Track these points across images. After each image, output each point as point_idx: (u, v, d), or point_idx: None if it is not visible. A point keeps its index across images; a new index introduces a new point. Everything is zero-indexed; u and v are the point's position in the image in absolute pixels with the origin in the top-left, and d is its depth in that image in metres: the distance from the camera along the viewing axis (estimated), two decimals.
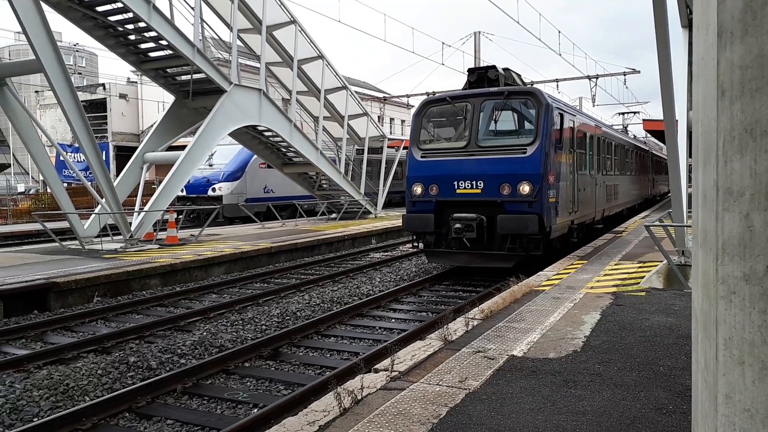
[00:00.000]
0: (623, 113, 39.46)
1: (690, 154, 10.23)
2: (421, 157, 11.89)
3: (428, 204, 11.56)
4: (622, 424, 3.89)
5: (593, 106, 35.00)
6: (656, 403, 4.23)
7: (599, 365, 5.08)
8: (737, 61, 2.05)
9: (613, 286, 8.57)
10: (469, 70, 12.58)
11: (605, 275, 9.53)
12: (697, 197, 2.60)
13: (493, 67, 12.30)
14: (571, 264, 10.88)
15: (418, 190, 11.72)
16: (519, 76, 13.11)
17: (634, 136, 33.37)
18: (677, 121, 10.59)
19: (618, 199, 19.12)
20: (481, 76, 12.20)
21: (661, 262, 10.29)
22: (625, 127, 35.57)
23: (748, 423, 2.07)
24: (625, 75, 32.45)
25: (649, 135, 35.42)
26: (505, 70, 12.56)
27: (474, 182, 11.13)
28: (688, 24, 12.75)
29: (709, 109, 2.27)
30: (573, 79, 33.03)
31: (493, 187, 10.95)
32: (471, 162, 11.25)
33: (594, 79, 32.00)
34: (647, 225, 9.22)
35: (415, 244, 12.25)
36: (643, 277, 9.16)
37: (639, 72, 32.62)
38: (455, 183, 11.31)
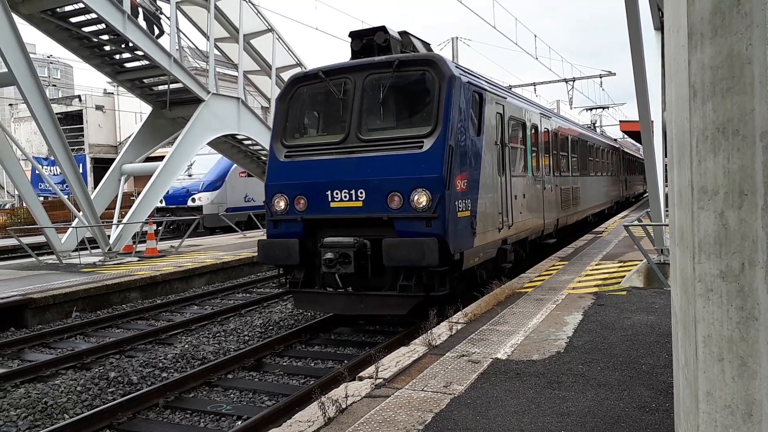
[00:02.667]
0: (591, 108, 35.76)
1: (666, 154, 10.35)
2: (285, 157, 8.55)
3: (293, 224, 8.28)
4: (606, 424, 3.91)
5: (570, 108, 35.43)
6: (639, 402, 4.26)
7: (582, 365, 5.10)
8: (708, 62, 2.09)
9: (595, 286, 8.64)
10: (351, 35, 8.97)
11: (586, 275, 9.61)
12: (673, 196, 2.63)
13: (383, 28, 8.76)
14: (553, 265, 10.94)
15: (280, 204, 8.39)
16: (426, 45, 9.78)
17: (602, 132, 30.96)
18: (653, 121, 10.75)
19: (579, 204, 16.47)
20: (368, 44, 8.76)
21: (641, 261, 10.40)
22: (594, 124, 32.48)
23: (729, 419, 2.09)
24: (601, 77, 32.94)
25: (626, 136, 35.78)
26: (403, 34, 9.20)
27: (353, 191, 7.86)
28: (660, 26, 12.96)
29: (682, 110, 2.30)
30: (550, 82, 33.46)
31: (378, 198, 7.72)
32: (350, 162, 7.98)
33: (571, 82, 32.40)
34: (626, 225, 9.32)
35: (283, 280, 8.73)
36: (623, 277, 9.25)
37: (615, 74, 33.15)
38: (328, 193, 8.00)
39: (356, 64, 8.47)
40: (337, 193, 7.99)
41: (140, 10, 15.10)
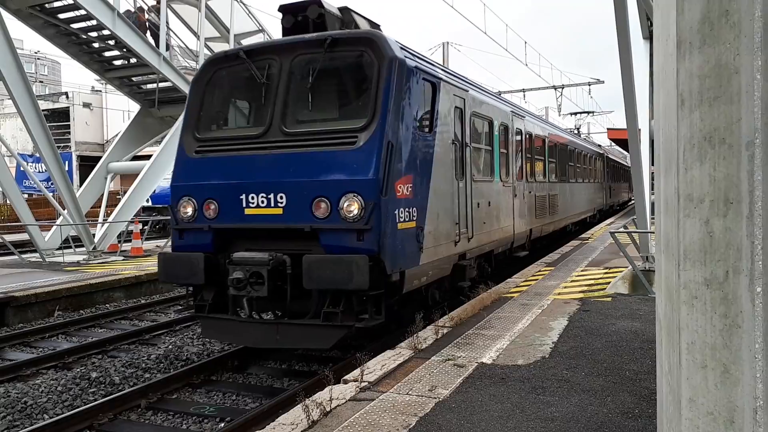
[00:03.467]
0: (575, 113, 34.63)
1: (653, 162, 10.47)
2: (196, 152, 7.18)
3: (202, 234, 6.85)
4: (589, 430, 3.92)
5: (559, 115, 35.67)
6: (623, 408, 4.28)
7: (567, 371, 5.12)
8: (696, 71, 2.10)
9: (580, 292, 8.68)
10: (282, 9, 7.55)
11: (572, 281, 9.66)
12: (660, 204, 2.64)
13: (317, 2, 7.32)
14: (539, 271, 10.99)
15: (186, 209, 6.97)
16: (374, 24, 8.06)
17: (586, 137, 29.82)
18: (640, 129, 10.85)
19: (557, 213, 15.30)
20: (303, 21, 7.33)
21: (626, 267, 10.48)
22: (578, 129, 31.54)
23: (711, 426, 2.10)
24: (589, 85, 33.21)
25: (613, 143, 36.05)
26: (344, 10, 7.70)
27: (272, 196, 6.53)
28: (649, 36, 13.12)
29: (669, 118, 2.31)
30: (539, 89, 33.67)
31: (301, 205, 6.40)
32: (269, 160, 6.67)
33: (559, 89, 32.65)
34: (612, 231, 9.39)
35: (190, 301, 7.27)
36: (609, 283, 9.31)
37: (603, 82, 33.44)
38: (242, 197, 6.65)
39: (282, 43, 7.15)
40: (252, 198, 6.59)
41: (147, 24, 14.99)
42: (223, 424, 5.56)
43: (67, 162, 26.08)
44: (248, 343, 7.00)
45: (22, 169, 22.94)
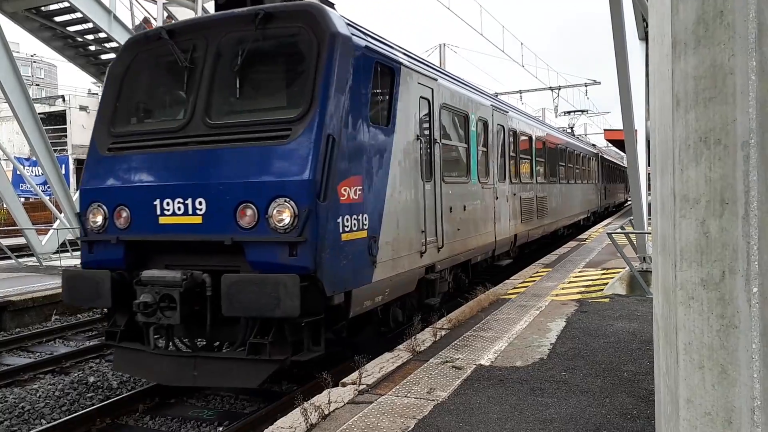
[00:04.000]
0: (569, 112, 33.83)
1: (649, 163, 10.49)
2: (108, 150, 6.14)
3: (112, 248, 5.80)
4: (588, 431, 3.92)
5: (556, 116, 35.73)
6: (621, 409, 4.28)
7: (565, 372, 5.12)
8: (691, 72, 2.11)
9: (578, 293, 8.69)
10: None
11: (570, 282, 9.66)
12: (656, 205, 2.65)
13: None
14: (537, 272, 11.00)
15: (96, 218, 5.93)
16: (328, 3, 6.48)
17: (579, 137, 29.11)
18: (636, 130, 10.88)
19: (546, 216, 14.39)
20: None
21: (623, 268, 10.49)
22: (572, 128, 30.53)
23: (709, 426, 2.10)
24: (586, 86, 33.27)
25: (610, 144, 36.12)
26: None
27: (190, 201, 5.48)
28: (645, 36, 13.13)
29: (665, 119, 2.32)
30: (536, 90, 33.73)
31: (223, 212, 5.38)
32: (187, 159, 5.65)
33: (556, 91, 32.71)
34: (609, 232, 9.40)
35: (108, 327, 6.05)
36: (606, 284, 9.32)
37: (600, 83, 33.51)
38: (156, 203, 5.60)
39: (209, 20, 6.31)
40: (168, 204, 5.51)
41: None
42: (221, 429, 5.54)
43: (63, 165, 26.05)
44: (160, 381, 5.79)
45: (18, 172, 22.90)
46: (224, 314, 5.12)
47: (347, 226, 5.55)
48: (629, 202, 39.39)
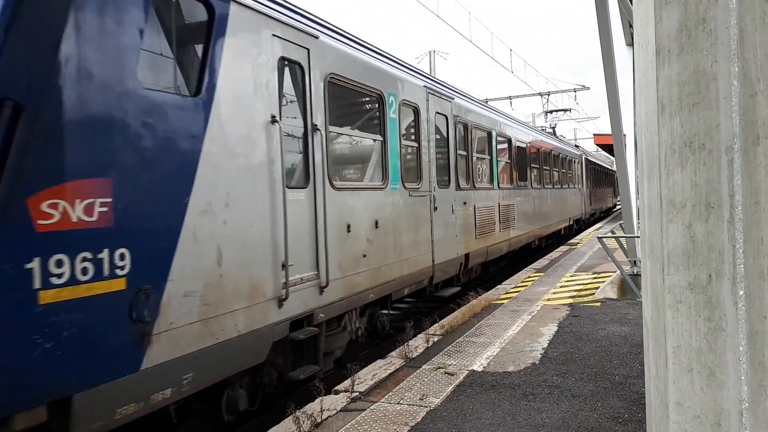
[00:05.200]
0: (551, 112, 31.48)
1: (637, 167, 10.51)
2: None
3: None
4: None
5: (546, 121, 35.92)
6: (613, 413, 4.29)
7: (557, 377, 5.13)
8: (675, 78, 2.13)
9: (569, 297, 8.72)
10: None
11: (561, 287, 9.70)
12: (644, 209, 2.67)
13: None
14: (529, 276, 11.03)
15: None
16: None
17: (562, 137, 26.90)
18: (625, 135, 10.97)
19: (512, 228, 12.21)
20: None
21: (614, 272, 10.55)
22: (553, 128, 28.37)
23: (698, 429, 2.12)
24: (575, 91, 33.48)
25: (600, 149, 36.32)
26: None
27: None
28: (632, 42, 13.27)
29: (650, 124, 2.34)
30: (525, 96, 33.92)
31: None
32: None
33: (546, 96, 32.91)
34: (600, 237, 9.45)
35: None
36: (597, 288, 9.36)
37: (589, 88, 33.75)
38: None
39: None
40: None
41: None
42: None
43: None
44: None
45: None
46: None
47: (59, 275, 3.10)
48: (618, 207, 39.63)
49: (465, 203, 9.49)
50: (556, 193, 17.67)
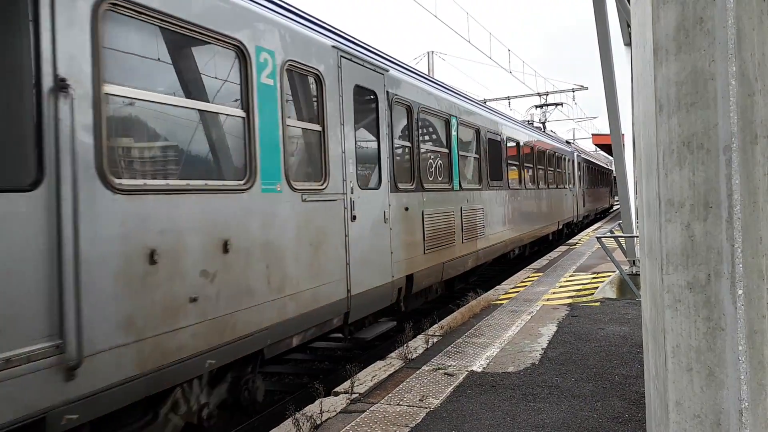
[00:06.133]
0: (540, 106, 29.44)
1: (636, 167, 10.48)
2: None
3: None
4: None
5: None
6: (612, 413, 4.29)
7: (557, 377, 5.13)
8: (673, 77, 2.13)
9: (569, 297, 8.72)
10: None
11: (561, 287, 9.70)
12: (642, 209, 2.67)
13: None
14: (528, 277, 11.03)
15: None
16: None
17: (551, 132, 25.50)
18: (624, 134, 10.97)
19: (479, 237, 10.16)
20: None
21: (613, 272, 10.54)
22: (543, 123, 26.84)
23: (698, 429, 2.12)
24: (573, 91, 33.50)
25: (598, 149, 36.31)
26: None
27: None
28: (629, 42, 13.27)
29: (648, 124, 2.34)
30: (524, 96, 33.92)
31: None
32: None
33: (544, 97, 32.91)
34: (599, 236, 9.45)
35: None
36: (597, 288, 9.36)
37: (587, 89, 33.77)
38: None
39: None
40: None
41: None
42: None
43: None
44: None
45: None
46: None
47: None
48: (615, 208, 39.56)
49: (407, 209, 7.41)
50: (543, 194, 15.79)
